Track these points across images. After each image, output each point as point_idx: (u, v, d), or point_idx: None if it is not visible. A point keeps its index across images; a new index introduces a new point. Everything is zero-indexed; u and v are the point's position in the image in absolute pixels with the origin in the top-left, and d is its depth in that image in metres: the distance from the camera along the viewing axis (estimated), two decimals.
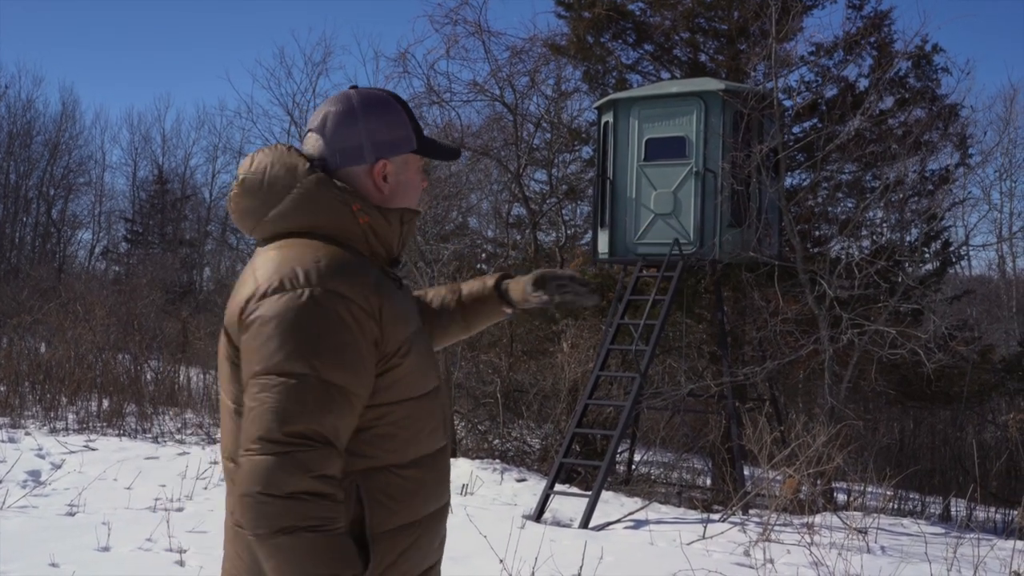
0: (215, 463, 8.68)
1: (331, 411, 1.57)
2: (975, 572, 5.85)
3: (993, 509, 10.84)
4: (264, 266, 1.67)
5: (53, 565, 5.16)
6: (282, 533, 1.51)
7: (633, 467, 11.43)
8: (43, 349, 13.67)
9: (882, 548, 7.18)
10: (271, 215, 1.73)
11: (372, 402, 1.66)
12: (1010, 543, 7.06)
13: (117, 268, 33.76)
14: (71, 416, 11.07)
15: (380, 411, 1.67)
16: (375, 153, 1.78)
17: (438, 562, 1.86)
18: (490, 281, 2.14)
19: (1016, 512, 9.35)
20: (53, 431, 10.16)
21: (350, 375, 1.59)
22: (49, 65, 58.46)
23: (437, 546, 1.83)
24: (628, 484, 10.53)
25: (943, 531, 8.16)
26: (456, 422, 11.41)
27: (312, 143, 1.79)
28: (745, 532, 7.42)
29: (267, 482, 1.52)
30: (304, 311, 1.59)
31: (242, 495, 1.54)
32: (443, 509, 1.83)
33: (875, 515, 8.10)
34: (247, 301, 1.64)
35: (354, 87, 1.83)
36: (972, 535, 7.47)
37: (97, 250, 35.92)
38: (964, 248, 13.55)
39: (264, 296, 1.62)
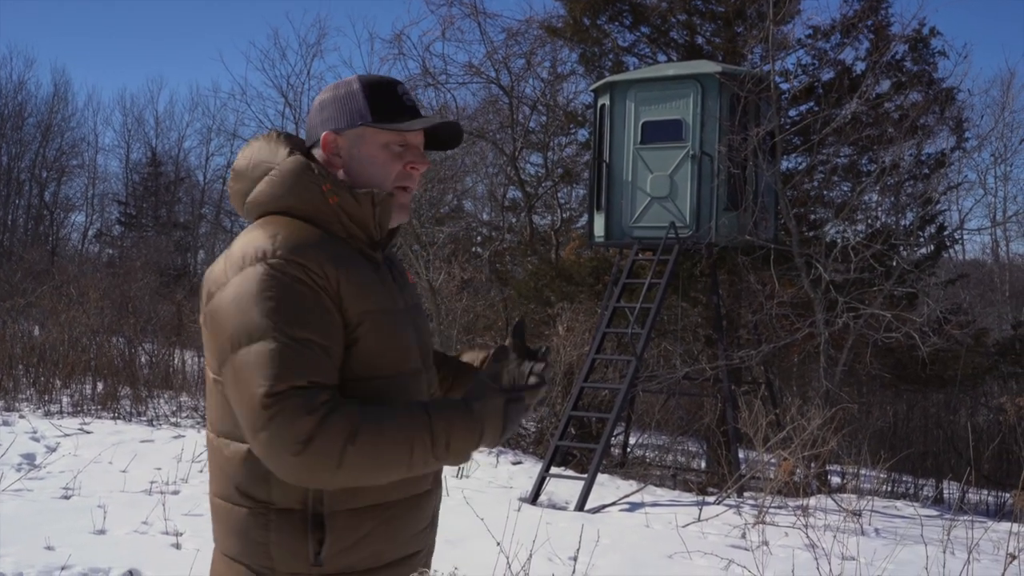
0: None
1: (306, 364, 1.58)
2: (969, 554, 5.87)
3: (986, 492, 10.90)
4: (233, 246, 1.71)
5: (49, 548, 5.15)
6: (343, 464, 1.55)
7: (628, 450, 11.46)
8: (37, 332, 13.63)
9: (876, 530, 7.21)
10: (251, 196, 1.78)
11: (340, 376, 1.68)
12: (1003, 525, 7.08)
13: (111, 251, 33.65)
14: (65, 399, 11.05)
15: (347, 386, 1.67)
16: (321, 127, 1.80)
17: (421, 553, 1.83)
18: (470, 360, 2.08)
19: (1009, 495, 9.41)
20: (47, 414, 10.14)
21: (316, 331, 1.61)
22: (40, 46, 58.11)
23: (417, 535, 1.80)
24: (623, 467, 10.55)
25: (937, 513, 8.21)
26: None
27: None
28: (740, 515, 7.45)
29: (285, 443, 1.54)
30: (262, 282, 1.61)
31: (278, 469, 1.57)
32: (424, 498, 1.80)
33: (869, 498, 8.13)
34: (214, 282, 1.68)
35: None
36: (966, 518, 7.51)
37: (90, 233, 35.82)
38: (959, 232, 13.53)
39: (227, 277, 1.66)
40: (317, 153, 1.80)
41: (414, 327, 1.83)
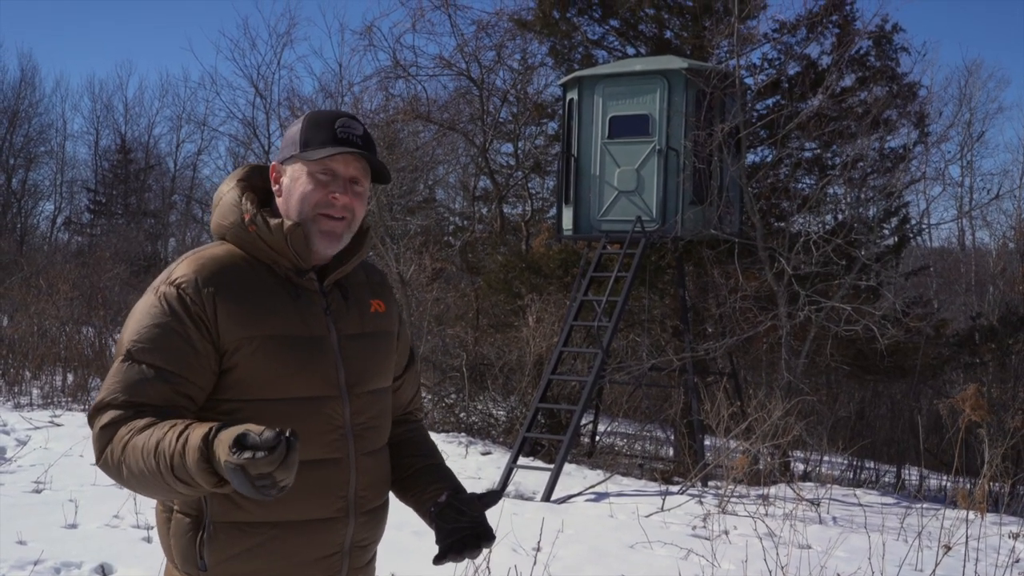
0: None
1: (137, 388, 1.69)
2: (918, 539, 6.09)
3: (944, 477, 11.19)
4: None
5: (21, 543, 5.21)
6: (124, 477, 1.66)
7: (597, 439, 11.63)
8: (5, 323, 13.57)
9: (834, 519, 7.42)
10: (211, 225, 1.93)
11: (220, 396, 1.76)
12: (955, 512, 7.31)
13: (80, 239, 33.33)
14: (35, 391, 11.04)
15: (229, 406, 1.76)
16: (277, 158, 1.89)
17: None
18: (429, 502, 2.04)
19: (967, 480, 9.67)
20: (17, 406, 10.13)
21: (166, 358, 1.71)
22: (6, 30, 57.08)
23: (318, 561, 1.81)
24: (591, 456, 10.72)
25: (894, 501, 8.44)
26: (423, 396, 11.49)
27: None
28: (703, 504, 7.62)
29: (94, 449, 1.71)
30: (143, 304, 1.77)
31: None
32: (326, 524, 1.81)
33: (829, 486, 8.34)
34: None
35: None
36: (920, 505, 7.75)
37: (59, 221, 35.44)
38: (923, 224, 13.79)
39: (144, 295, 1.83)
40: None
41: (330, 355, 1.82)
